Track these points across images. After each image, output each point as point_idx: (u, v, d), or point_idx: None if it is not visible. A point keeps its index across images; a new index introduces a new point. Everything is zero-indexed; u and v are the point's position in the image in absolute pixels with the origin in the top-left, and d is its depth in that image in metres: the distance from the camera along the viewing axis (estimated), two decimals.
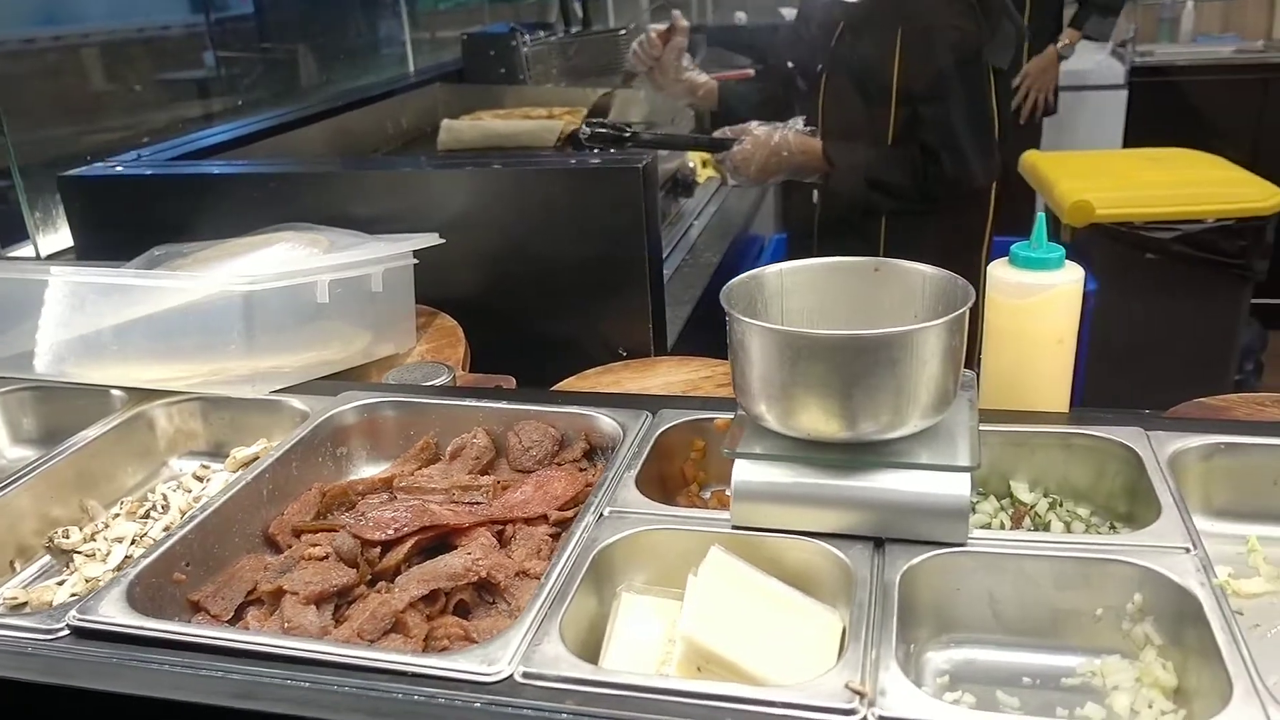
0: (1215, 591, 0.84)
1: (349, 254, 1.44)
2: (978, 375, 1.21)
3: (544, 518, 1.08)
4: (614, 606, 0.94)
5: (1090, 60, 4.02)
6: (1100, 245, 2.68)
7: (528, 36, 2.83)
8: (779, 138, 1.89)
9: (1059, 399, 1.19)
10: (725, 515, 0.97)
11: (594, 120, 2.01)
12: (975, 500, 1.12)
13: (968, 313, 0.96)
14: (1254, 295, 3.93)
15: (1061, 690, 0.89)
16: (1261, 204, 2.59)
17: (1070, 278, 1.15)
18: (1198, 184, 2.74)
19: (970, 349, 1.04)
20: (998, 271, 1.17)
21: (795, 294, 1.07)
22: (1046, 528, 1.06)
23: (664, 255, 2.21)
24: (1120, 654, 0.90)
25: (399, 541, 1.03)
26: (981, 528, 1.07)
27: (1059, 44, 3.61)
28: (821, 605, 0.91)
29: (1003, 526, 1.07)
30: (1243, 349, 3.14)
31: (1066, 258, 1.17)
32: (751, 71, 2.67)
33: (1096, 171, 2.89)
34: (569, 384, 1.54)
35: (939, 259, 1.05)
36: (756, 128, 1.94)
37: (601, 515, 1.01)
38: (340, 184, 1.69)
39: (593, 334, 1.65)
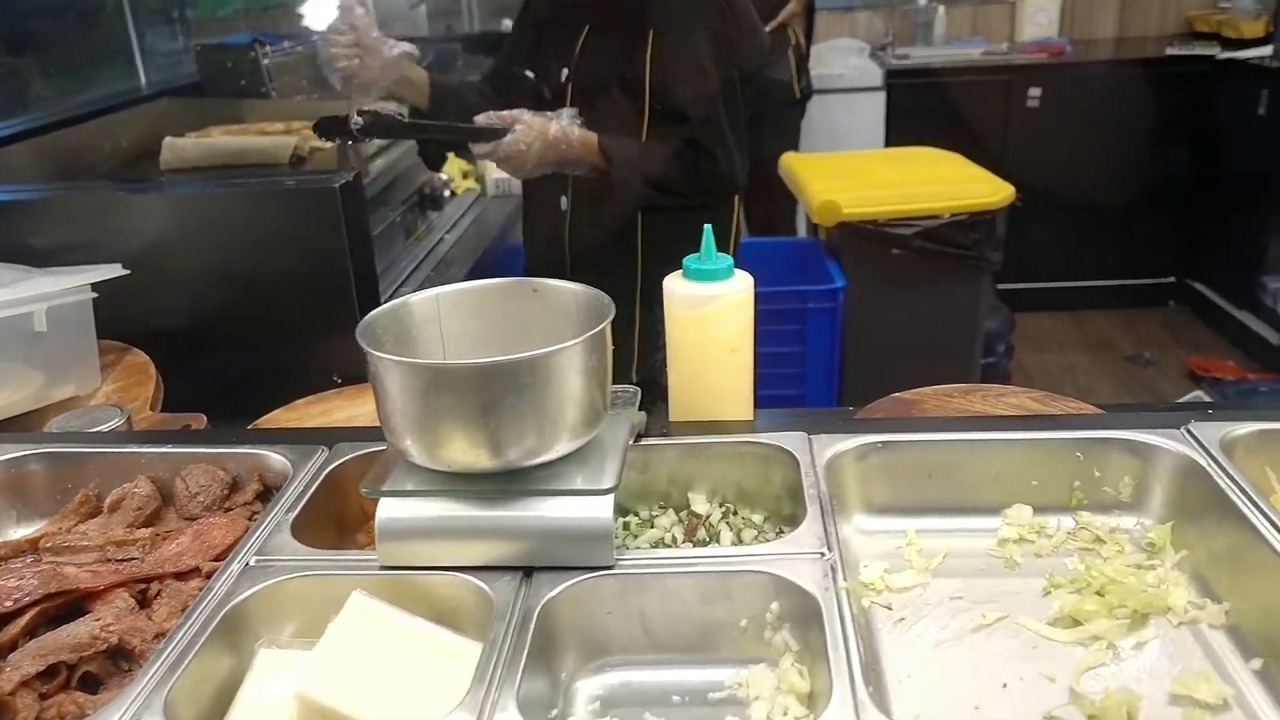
0: (839, 595, 0.86)
1: (7, 291, 1.32)
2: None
3: (197, 570, 1.01)
4: (252, 664, 0.89)
5: (850, 64, 4.20)
6: (850, 243, 2.79)
7: (269, 47, 2.70)
8: (556, 129, 1.83)
9: (741, 407, 1.21)
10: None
11: (366, 110, 1.89)
12: (655, 514, 1.12)
13: (608, 329, 0.95)
14: (1002, 281, 4.22)
15: (709, 705, 0.89)
16: (991, 199, 2.75)
17: (738, 287, 1.16)
18: (936, 182, 2.90)
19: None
20: (671, 284, 1.17)
21: (454, 318, 1.05)
22: (717, 538, 1.07)
23: (408, 271, 2.16)
24: (766, 663, 0.91)
25: (19, 613, 0.94)
26: (656, 544, 1.07)
27: None
28: (470, 643, 0.89)
29: (675, 541, 1.07)
30: (994, 333, 3.35)
31: (824, 256, 1.19)
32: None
33: (846, 172, 3.01)
34: (274, 417, 1.46)
35: None
36: (528, 116, 1.88)
37: (247, 565, 0.95)
38: (13, 213, 1.56)
39: (305, 361, 1.58)
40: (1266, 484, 1.07)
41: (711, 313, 1.15)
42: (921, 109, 4.19)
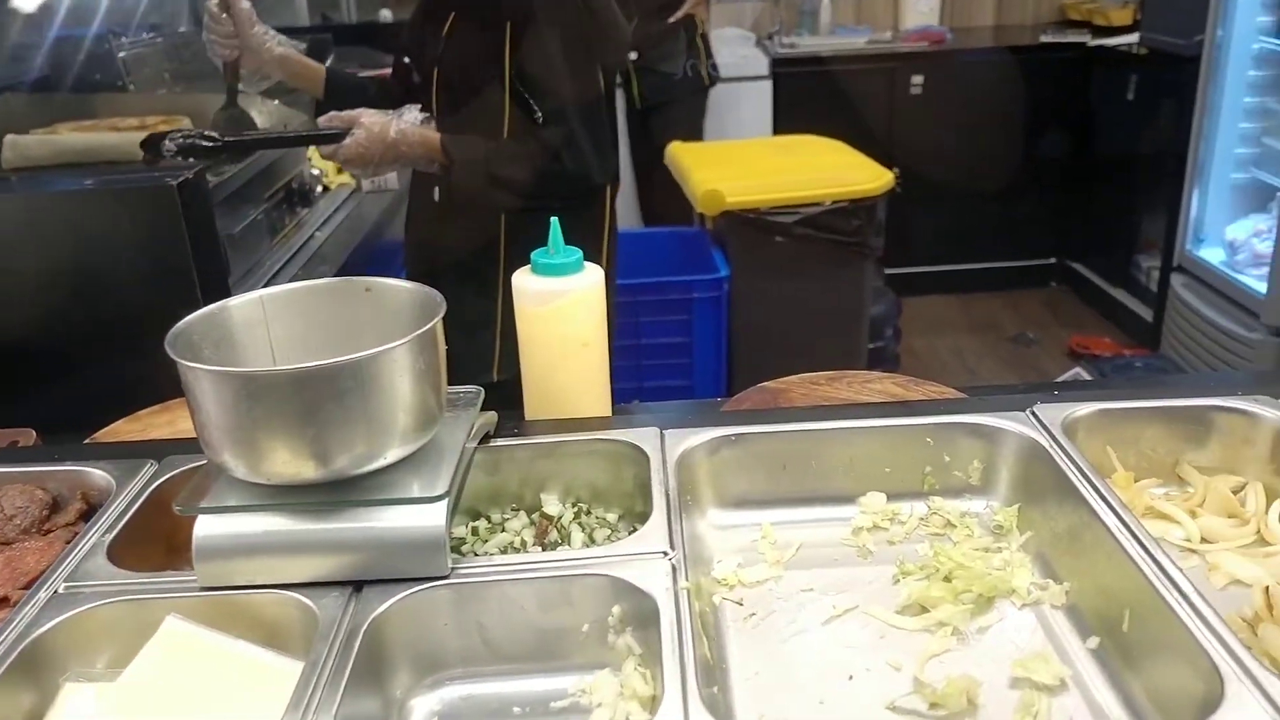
0: (678, 596, 0.84)
1: None
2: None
3: (5, 600, 0.94)
4: (55, 700, 0.83)
5: (737, 53, 4.21)
6: (735, 232, 2.79)
7: (125, 38, 2.57)
8: (395, 130, 1.78)
9: (597, 403, 1.19)
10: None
11: (179, 131, 1.83)
12: (506, 517, 1.09)
13: (438, 329, 0.91)
14: (890, 266, 4.28)
15: (551, 714, 0.86)
16: (871, 186, 2.78)
17: (589, 281, 1.14)
18: (817, 169, 2.92)
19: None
20: (520, 280, 1.14)
21: (281, 321, 0.99)
22: (569, 539, 1.04)
23: (274, 270, 2.08)
24: (610, 668, 0.88)
25: None
26: (506, 548, 1.04)
27: None
28: (295, 664, 0.84)
29: (524, 544, 1.04)
30: (881, 318, 3.39)
31: (710, 246, 1.16)
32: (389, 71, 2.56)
33: (730, 161, 3.01)
34: (114, 429, 1.38)
35: None
36: (367, 117, 1.82)
37: (55, 592, 0.88)
38: None
39: (153, 370, 1.49)
40: (1108, 463, 1.08)
41: (561, 307, 1.12)
42: (809, 97, 4.22)
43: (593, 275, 1.14)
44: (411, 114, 1.82)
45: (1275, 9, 3.30)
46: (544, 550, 1.03)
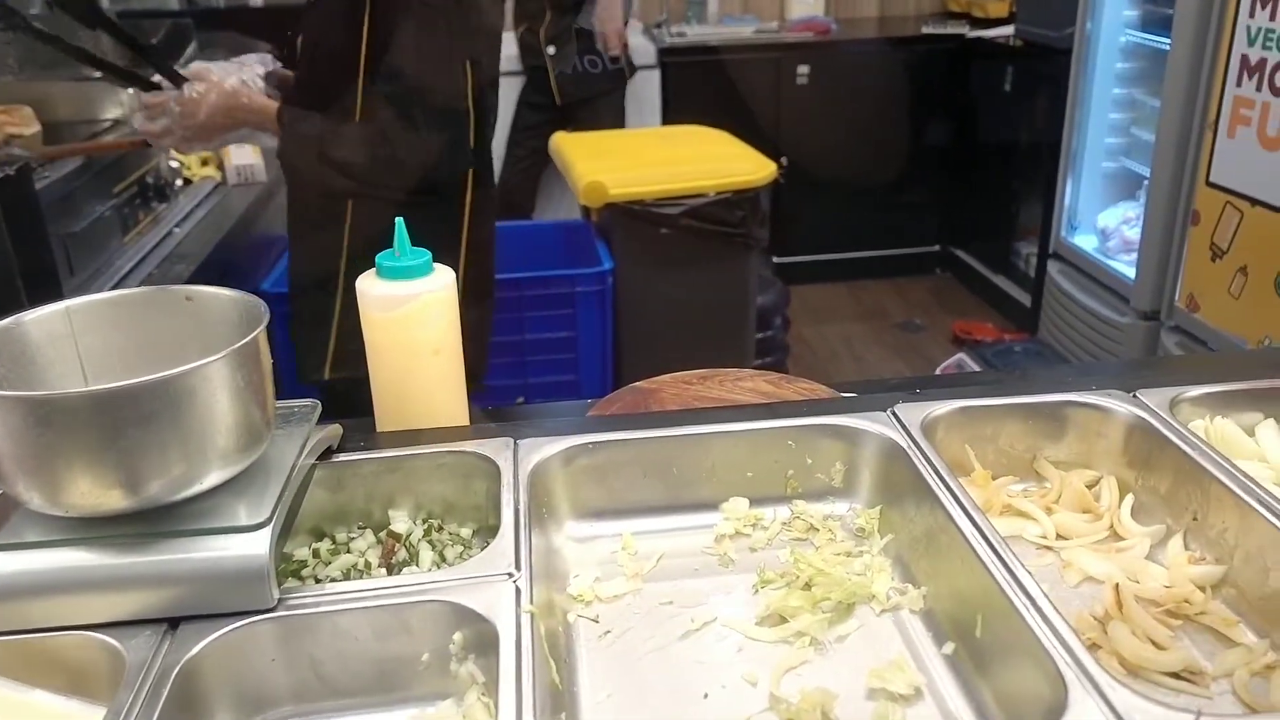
0: (520, 619, 0.80)
1: None
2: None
3: None
4: None
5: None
6: (619, 224, 2.75)
7: None
8: (236, 81, 1.67)
9: (452, 412, 1.13)
10: None
11: None
12: (353, 537, 1.03)
13: (262, 339, 0.85)
14: (780, 255, 4.31)
15: None
16: (754, 176, 2.77)
17: (439, 283, 1.08)
18: (701, 160, 2.89)
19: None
20: (365, 284, 1.08)
21: (92, 334, 0.91)
22: (417, 559, 0.99)
23: (125, 270, 1.96)
24: (454, 698, 0.84)
25: None
26: (349, 571, 0.98)
27: None
28: (100, 710, 0.77)
29: (369, 567, 0.98)
30: (769, 307, 3.40)
31: (594, 238, 1.10)
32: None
33: (614, 152, 2.97)
34: None
35: None
36: (214, 69, 1.71)
37: None
38: None
39: None
40: (967, 462, 1.08)
41: (410, 313, 1.06)
42: (697, 87, 4.21)
43: (443, 277, 1.09)
44: (254, 69, 1.71)
45: (1141, 3, 3.41)
46: (390, 571, 0.97)
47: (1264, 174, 2.73)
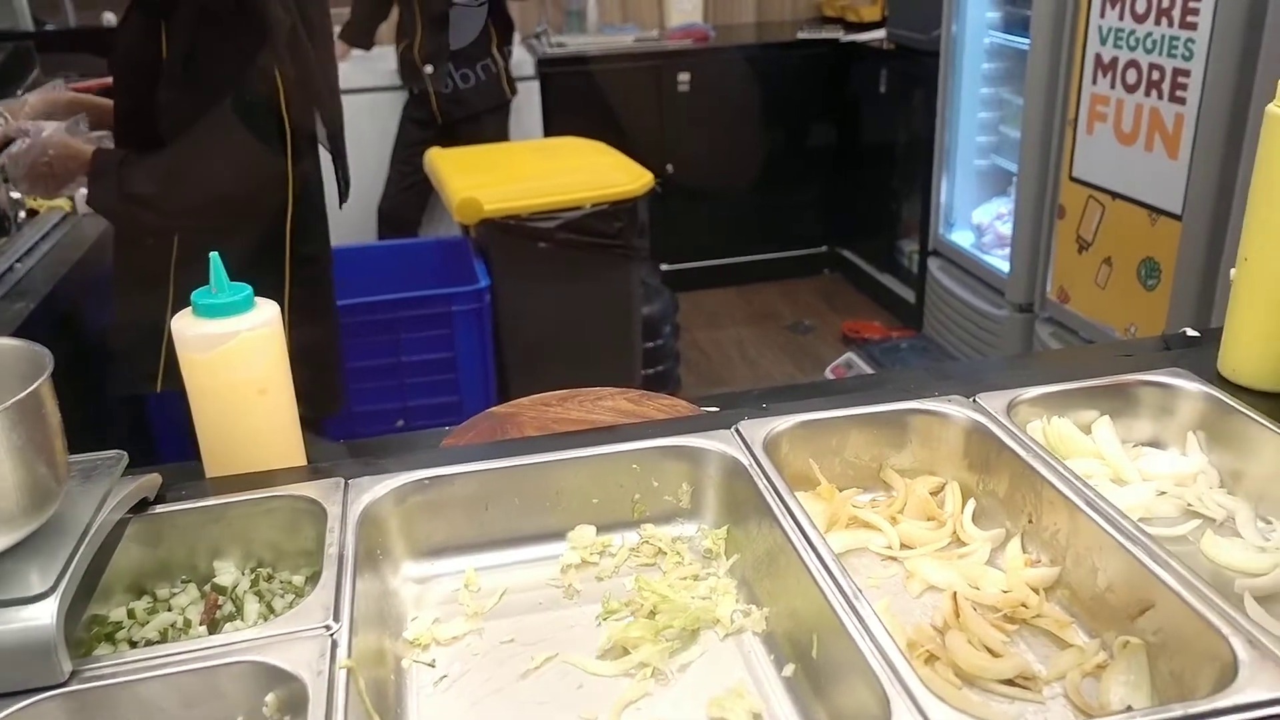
0: (333, 676, 0.76)
1: None
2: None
3: None
4: None
5: None
6: (496, 240, 2.71)
7: None
8: (44, 138, 1.57)
9: (286, 452, 1.08)
10: None
11: None
12: (175, 592, 0.97)
13: (46, 390, 0.79)
14: (670, 262, 4.32)
15: None
16: (630, 187, 2.76)
17: (262, 318, 1.03)
18: (577, 172, 2.87)
19: None
20: (180, 325, 1.02)
21: None
22: (242, 612, 0.94)
23: None
24: None
25: None
26: (167, 630, 0.92)
27: None
28: None
29: (189, 624, 0.93)
30: (656, 317, 3.39)
31: (472, 255, 1.06)
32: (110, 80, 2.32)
33: (489, 166, 2.93)
34: None
35: None
36: (33, 127, 1.61)
37: None
38: None
39: None
40: (813, 476, 1.07)
41: (230, 352, 1.01)
42: (579, 97, 4.19)
43: (265, 312, 1.04)
44: (74, 125, 1.63)
45: (1002, 5, 3.51)
46: (212, 629, 0.92)
47: (1122, 168, 2.83)
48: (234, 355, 1.01)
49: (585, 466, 1.04)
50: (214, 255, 1.01)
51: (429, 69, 3.63)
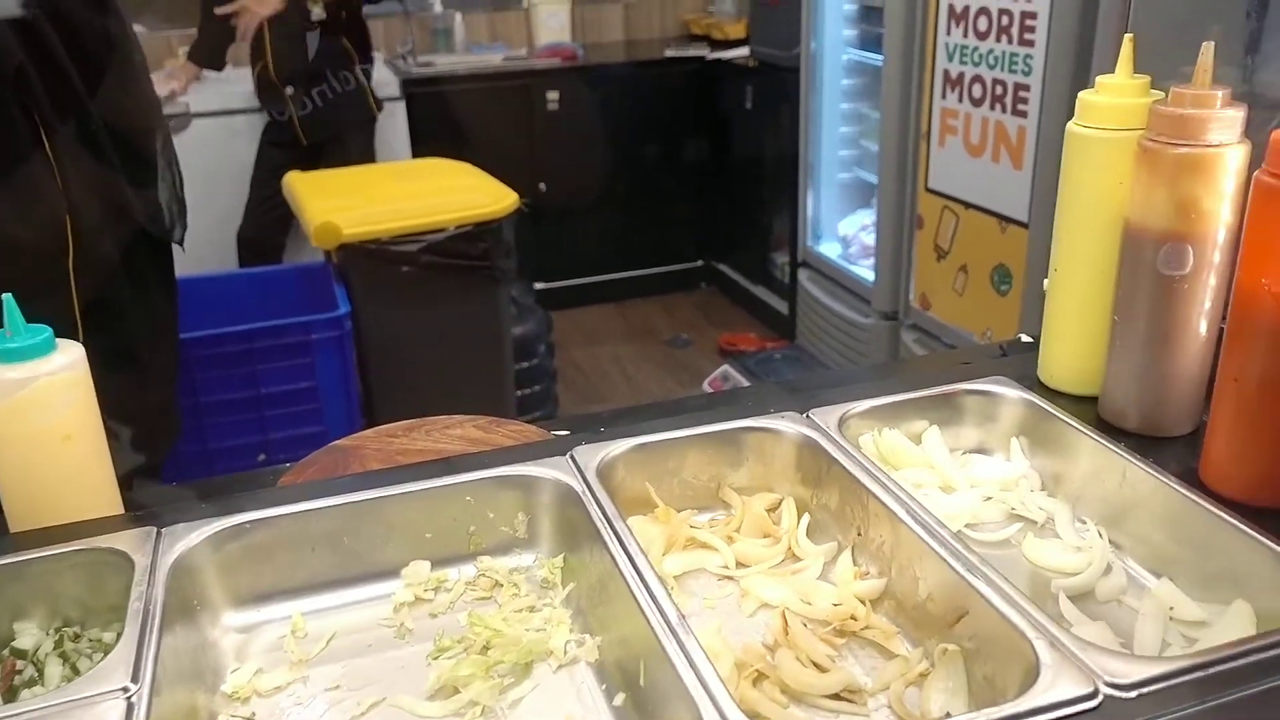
0: None
1: None
2: None
3: None
4: None
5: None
6: (358, 265, 2.65)
7: None
8: None
9: (97, 501, 1.02)
10: None
11: None
12: None
13: None
14: (547, 280, 4.31)
15: None
16: (494, 208, 2.73)
17: (64, 361, 0.97)
18: (439, 194, 2.83)
19: None
20: None
21: None
22: (42, 677, 0.88)
23: None
24: None
25: None
26: None
27: None
28: None
29: None
30: (529, 337, 3.37)
31: (333, 281, 1.00)
32: None
33: (349, 190, 2.86)
34: None
35: None
36: None
37: None
38: None
39: None
40: (650, 499, 1.07)
41: (29, 399, 0.95)
42: (447, 117, 4.15)
43: (67, 355, 0.98)
44: None
45: (858, 23, 3.62)
46: (8, 696, 0.86)
47: (972, 179, 2.94)
48: (34, 401, 0.96)
49: (417, 501, 1.01)
50: (7, 297, 0.96)
51: (289, 90, 3.54)
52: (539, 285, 4.13)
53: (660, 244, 4.72)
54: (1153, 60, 1.07)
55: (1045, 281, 1.14)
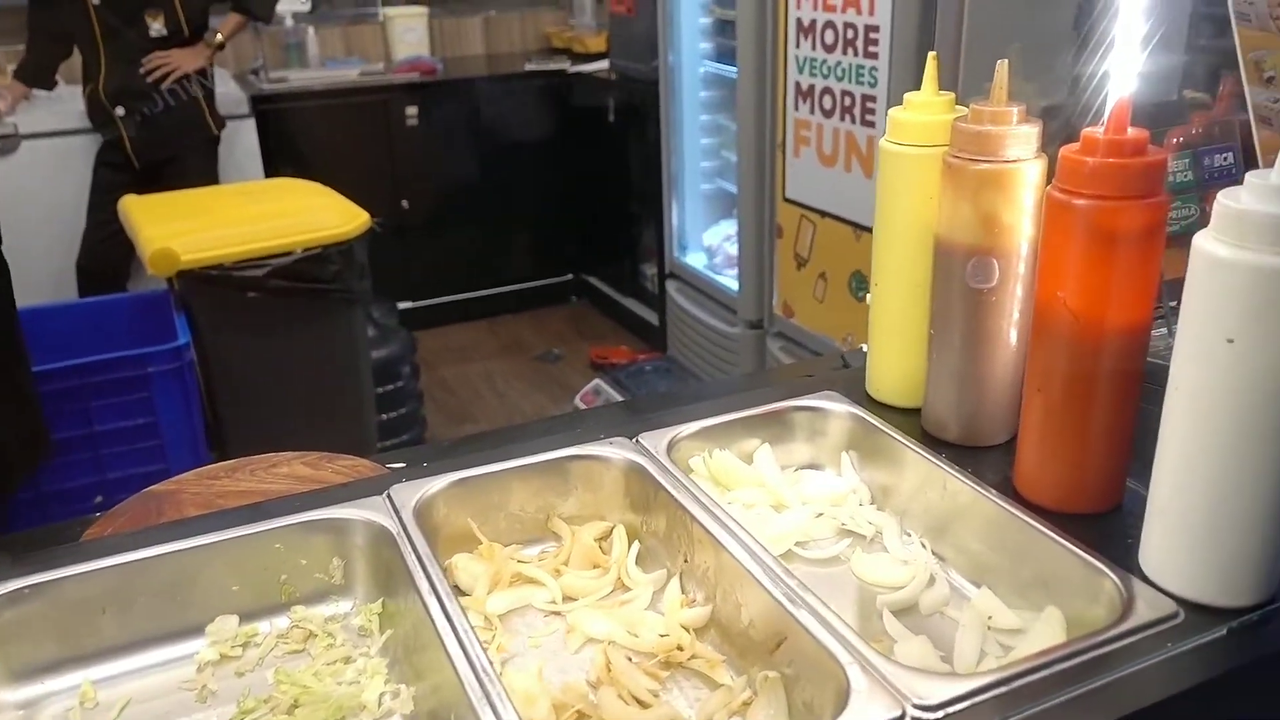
0: None
1: None
2: None
3: None
4: None
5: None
6: (199, 292, 2.53)
7: None
8: None
9: None
10: None
11: None
12: None
13: None
14: (414, 299, 4.22)
15: None
16: (344, 228, 2.65)
17: None
18: (286, 215, 2.73)
19: None
20: None
21: None
22: None
23: None
24: None
25: None
26: None
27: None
28: None
29: None
30: (392, 359, 3.28)
31: (173, 310, 0.90)
32: None
33: (188, 213, 2.73)
34: None
35: None
36: None
37: None
38: None
39: None
40: (474, 536, 1.03)
41: None
42: (302, 135, 4.02)
43: None
44: None
45: (713, 36, 3.65)
46: None
47: (827, 188, 2.99)
48: None
49: (223, 551, 0.95)
50: None
51: (120, 110, 3.36)
52: (404, 305, 4.04)
53: (529, 258, 4.68)
54: (987, 74, 1.05)
55: (867, 296, 1.15)
